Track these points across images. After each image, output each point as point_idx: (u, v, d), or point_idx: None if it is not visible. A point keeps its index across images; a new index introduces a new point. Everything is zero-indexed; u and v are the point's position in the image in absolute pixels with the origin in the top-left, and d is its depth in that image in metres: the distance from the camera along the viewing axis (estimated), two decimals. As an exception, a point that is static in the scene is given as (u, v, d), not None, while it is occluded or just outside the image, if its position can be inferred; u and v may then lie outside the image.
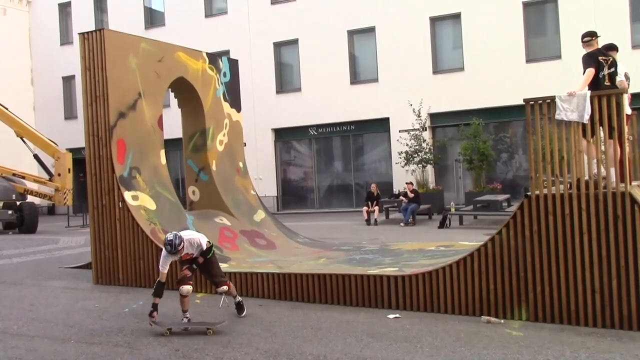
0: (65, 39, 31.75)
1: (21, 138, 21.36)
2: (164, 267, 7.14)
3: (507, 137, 22.90)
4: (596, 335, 6.21)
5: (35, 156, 22.12)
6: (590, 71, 7.09)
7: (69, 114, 31.64)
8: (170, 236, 7.03)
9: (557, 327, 6.57)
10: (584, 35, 7.57)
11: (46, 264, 12.95)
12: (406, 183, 19.62)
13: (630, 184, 6.51)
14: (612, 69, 7.26)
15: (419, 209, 18.83)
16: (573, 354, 5.67)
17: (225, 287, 7.47)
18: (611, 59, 7.29)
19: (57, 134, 26.44)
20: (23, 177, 22.36)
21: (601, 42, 8.30)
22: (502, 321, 6.86)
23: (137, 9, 29.43)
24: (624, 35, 19.80)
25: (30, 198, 22.91)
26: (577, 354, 5.68)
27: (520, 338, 6.24)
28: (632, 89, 8.26)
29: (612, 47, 7.90)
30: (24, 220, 21.22)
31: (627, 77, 7.72)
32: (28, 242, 17.99)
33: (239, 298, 7.79)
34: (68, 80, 31.38)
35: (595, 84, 7.06)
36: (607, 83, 7.15)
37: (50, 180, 21.72)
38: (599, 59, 7.20)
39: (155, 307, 7.03)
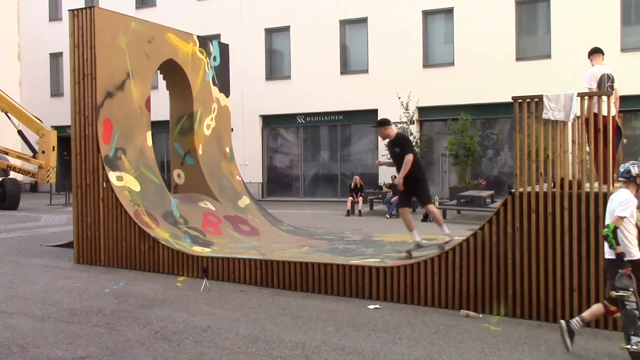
0: (54, 15, 31.37)
1: (6, 113, 21.11)
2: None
3: (493, 133, 23.02)
4: (572, 333, 6.29)
5: (20, 132, 21.86)
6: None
7: (55, 91, 31.31)
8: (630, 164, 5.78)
9: (535, 323, 6.65)
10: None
11: (27, 241, 12.87)
12: (392, 177, 19.65)
13: (613, 185, 6.58)
14: None
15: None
16: (549, 351, 5.74)
17: None
18: None
19: (42, 110, 26.17)
20: (6, 153, 22.10)
21: (590, 45, 8.41)
22: (481, 315, 6.93)
23: (129, -13, 29.12)
24: (614, 38, 19.96)
25: (12, 174, 22.69)
26: (553, 350, 5.75)
27: (498, 333, 6.31)
28: (621, 92, 8.32)
29: (597, 51, 8.00)
30: (6, 196, 21.06)
31: (612, 80, 7.80)
32: (9, 218, 17.86)
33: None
34: (55, 57, 31.04)
35: None
36: None
37: (33, 157, 21.50)
38: None
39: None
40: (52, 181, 21.78)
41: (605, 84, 7.64)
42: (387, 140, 8.88)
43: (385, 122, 8.79)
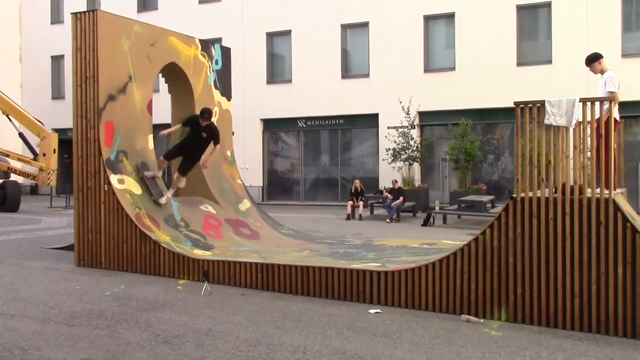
0: (56, 18, 31.43)
1: (7, 116, 21.15)
2: None
3: (494, 138, 23.04)
4: (573, 339, 6.29)
5: (21, 135, 21.90)
6: None
7: (57, 94, 31.35)
8: None
9: (536, 328, 6.65)
10: None
11: (28, 244, 12.87)
12: (392, 181, 19.66)
13: (615, 190, 6.59)
14: None
15: (404, 206, 18.91)
16: (550, 356, 5.74)
17: None
18: None
19: (43, 113, 26.19)
20: (7, 155, 22.16)
21: (591, 51, 8.42)
22: (482, 321, 6.93)
23: (130, -9, 29.20)
24: (615, 44, 20.01)
25: (13, 177, 22.72)
26: (554, 356, 5.75)
27: (499, 338, 6.31)
28: (622, 97, 8.32)
29: (602, 56, 8.00)
30: (7, 198, 21.06)
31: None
32: (10, 221, 17.86)
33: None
34: (57, 60, 31.08)
35: None
36: None
37: (34, 159, 21.54)
38: None
39: None
40: (53, 184, 21.81)
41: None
42: (205, 123, 10.58)
43: (208, 112, 10.62)
